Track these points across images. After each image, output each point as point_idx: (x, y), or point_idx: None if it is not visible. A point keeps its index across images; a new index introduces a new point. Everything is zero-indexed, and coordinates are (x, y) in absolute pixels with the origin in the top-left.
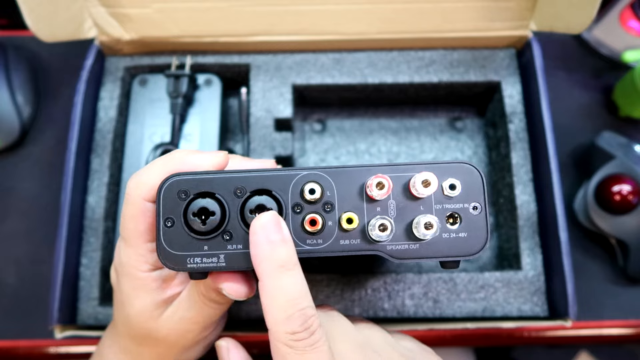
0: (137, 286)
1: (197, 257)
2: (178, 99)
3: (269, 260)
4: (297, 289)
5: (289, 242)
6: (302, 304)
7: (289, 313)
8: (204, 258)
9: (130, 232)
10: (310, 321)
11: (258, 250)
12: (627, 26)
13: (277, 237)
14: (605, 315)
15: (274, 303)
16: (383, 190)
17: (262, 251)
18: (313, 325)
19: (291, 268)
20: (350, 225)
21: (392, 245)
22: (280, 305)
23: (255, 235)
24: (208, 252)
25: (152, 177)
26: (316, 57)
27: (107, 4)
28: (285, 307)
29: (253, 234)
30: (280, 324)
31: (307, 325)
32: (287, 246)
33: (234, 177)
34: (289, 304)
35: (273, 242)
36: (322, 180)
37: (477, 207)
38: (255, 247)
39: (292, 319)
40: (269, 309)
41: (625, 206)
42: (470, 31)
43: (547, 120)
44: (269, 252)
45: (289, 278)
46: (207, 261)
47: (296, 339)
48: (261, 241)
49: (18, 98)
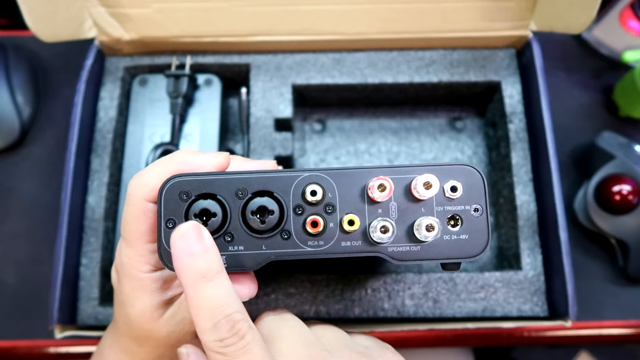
0: (137, 287)
1: None
2: (178, 99)
3: (189, 272)
4: (220, 297)
5: (210, 250)
6: (227, 310)
7: (215, 321)
8: None
9: (131, 233)
10: (238, 326)
11: (179, 262)
12: (627, 26)
13: (197, 247)
14: (605, 315)
15: (199, 313)
16: (384, 192)
17: (182, 263)
18: (242, 330)
19: (212, 277)
20: (352, 227)
21: (394, 247)
22: (205, 315)
23: (174, 248)
24: None
25: (153, 177)
26: (316, 57)
27: (107, 4)
28: (211, 315)
29: (173, 246)
30: (208, 333)
31: (235, 331)
32: (208, 256)
33: (235, 179)
34: (213, 312)
35: (192, 254)
36: (324, 182)
37: (478, 209)
38: (175, 260)
39: (218, 327)
40: (196, 319)
41: (625, 206)
42: (470, 31)
43: (547, 120)
44: (189, 264)
45: (211, 288)
46: None
47: (225, 345)
48: (180, 253)
49: (18, 98)
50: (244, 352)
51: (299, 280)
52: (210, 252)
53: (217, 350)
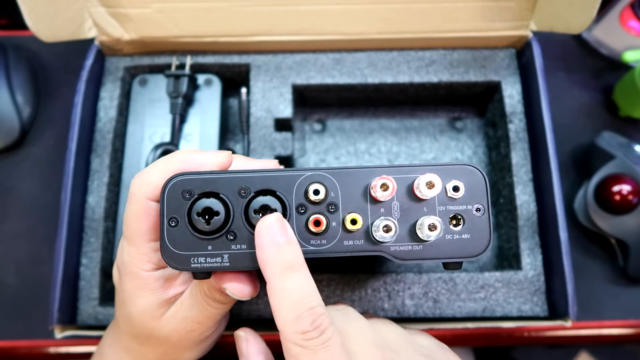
0: (139, 285)
1: (200, 256)
2: (178, 99)
3: (275, 262)
4: (305, 289)
5: (295, 243)
6: (310, 303)
7: (298, 313)
8: (208, 258)
9: (133, 232)
10: (320, 320)
11: (264, 253)
12: (627, 26)
13: (283, 238)
14: (605, 315)
15: (282, 304)
16: (387, 191)
17: (268, 253)
18: (323, 324)
19: (298, 269)
20: (354, 226)
21: (396, 246)
22: (288, 306)
23: (260, 238)
24: (212, 252)
25: (155, 176)
26: (316, 57)
27: (107, 4)
28: (294, 307)
29: (258, 236)
30: (290, 325)
31: (317, 324)
32: (293, 247)
33: (238, 177)
34: (297, 304)
35: (278, 244)
36: (327, 181)
37: (480, 209)
38: (261, 250)
39: (301, 319)
40: (278, 310)
41: (625, 206)
42: (470, 31)
43: (547, 120)
44: (275, 254)
45: (296, 279)
46: (210, 261)
47: (307, 338)
48: (266, 243)
49: (18, 98)
50: (323, 347)
51: None
52: (294, 245)
53: (298, 342)
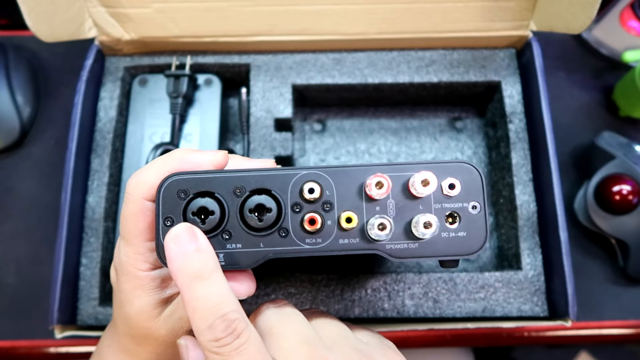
0: (136, 285)
1: None
2: (178, 99)
3: (183, 273)
4: (215, 297)
5: (204, 250)
6: (222, 310)
7: (210, 321)
8: None
9: (129, 231)
10: (233, 325)
11: (173, 264)
12: (627, 26)
13: (191, 247)
14: (605, 315)
15: (194, 314)
16: (382, 189)
17: (175, 264)
18: (237, 329)
19: (207, 277)
20: (350, 224)
21: (391, 245)
22: (200, 315)
23: (167, 250)
24: None
25: (151, 176)
26: (316, 57)
27: (107, 4)
28: (206, 316)
29: (166, 248)
30: (204, 333)
31: (231, 330)
32: (202, 255)
33: (233, 177)
34: (208, 312)
35: (185, 254)
36: (322, 180)
37: (476, 207)
38: (169, 261)
39: (213, 327)
40: (192, 320)
41: (625, 206)
42: (470, 31)
43: (547, 120)
44: (182, 265)
45: (206, 288)
46: None
47: (220, 345)
48: (173, 254)
49: (18, 98)
50: (238, 352)
51: (299, 280)
52: (203, 252)
53: (213, 350)
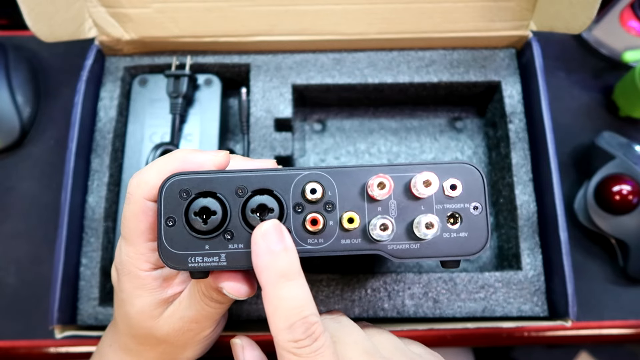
0: (137, 285)
1: (198, 256)
2: (178, 99)
3: (270, 270)
4: (299, 298)
5: (291, 250)
6: (304, 312)
7: (292, 322)
8: (205, 257)
9: (131, 231)
10: (313, 328)
11: (259, 260)
12: (627, 26)
13: (279, 246)
14: (605, 315)
15: (276, 312)
16: (384, 190)
17: (263, 261)
18: (316, 332)
19: (293, 277)
20: (352, 224)
21: (393, 245)
22: (282, 315)
23: (256, 245)
24: (209, 252)
25: (153, 176)
26: (316, 57)
27: (107, 4)
28: (288, 316)
29: (254, 243)
30: (283, 333)
31: (310, 333)
32: (289, 255)
33: (235, 177)
34: (291, 312)
35: (274, 252)
36: (324, 180)
37: (477, 207)
38: (256, 257)
39: (294, 328)
40: (272, 318)
41: (625, 206)
42: (470, 31)
43: (547, 120)
44: (270, 262)
45: (291, 287)
46: (208, 260)
47: (299, 347)
48: (262, 251)
49: (18, 98)
50: (316, 355)
51: None
52: (290, 252)
53: (290, 350)
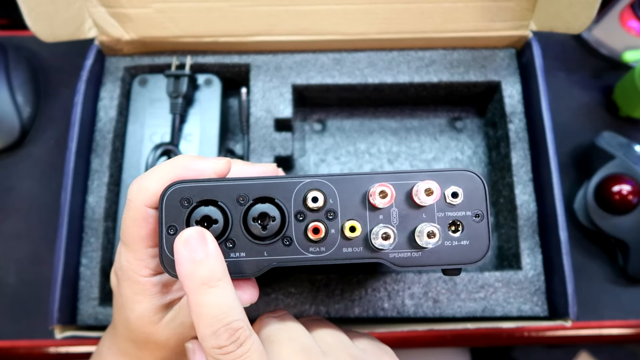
0: (137, 291)
1: None
2: (178, 99)
3: (191, 279)
4: (221, 305)
5: (213, 257)
6: (227, 318)
7: (215, 328)
8: None
9: (131, 238)
10: (237, 334)
11: (180, 268)
12: (627, 26)
13: (200, 254)
14: (605, 315)
15: (199, 320)
16: (386, 198)
17: (184, 269)
18: (240, 338)
19: (214, 285)
20: (353, 233)
21: (395, 253)
22: (205, 322)
23: (177, 253)
24: None
25: (154, 183)
26: (316, 57)
27: (107, 4)
28: (211, 323)
29: (176, 251)
30: (207, 340)
31: (234, 339)
32: (211, 262)
33: (236, 185)
34: (213, 319)
35: (194, 260)
36: (325, 188)
37: (479, 215)
38: (178, 265)
39: (218, 334)
40: (197, 326)
41: (625, 206)
42: (470, 31)
43: (547, 120)
44: (191, 270)
45: (212, 295)
46: None
47: (224, 353)
48: (183, 259)
49: (18, 98)
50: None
51: (299, 280)
52: (212, 259)
53: (216, 356)
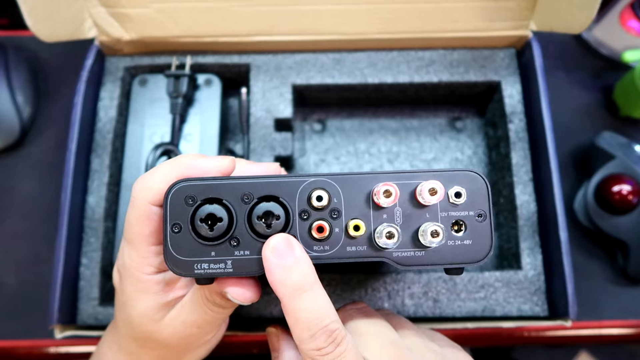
0: (140, 288)
1: (204, 262)
2: (178, 99)
3: (284, 285)
4: (317, 308)
5: (303, 261)
6: (324, 321)
7: (313, 332)
8: (211, 264)
9: (135, 235)
10: (334, 335)
11: (273, 276)
12: (627, 26)
13: (290, 260)
14: (605, 315)
15: (297, 324)
16: (390, 197)
17: (276, 276)
18: (337, 338)
19: (308, 289)
20: (357, 232)
21: (398, 253)
22: (303, 326)
23: (267, 262)
24: (215, 258)
25: (158, 181)
26: (316, 57)
27: (107, 4)
28: (308, 326)
29: (265, 259)
30: (305, 342)
31: (332, 340)
32: (301, 267)
33: (241, 183)
34: (311, 323)
35: (286, 267)
36: (330, 187)
37: (482, 215)
38: (269, 273)
39: (316, 337)
40: (294, 329)
41: (625, 206)
42: (470, 31)
43: (547, 120)
44: (284, 277)
45: (307, 299)
46: (214, 267)
47: (322, 354)
48: (273, 267)
49: (18, 98)
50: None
51: None
52: (302, 264)
53: (316, 358)
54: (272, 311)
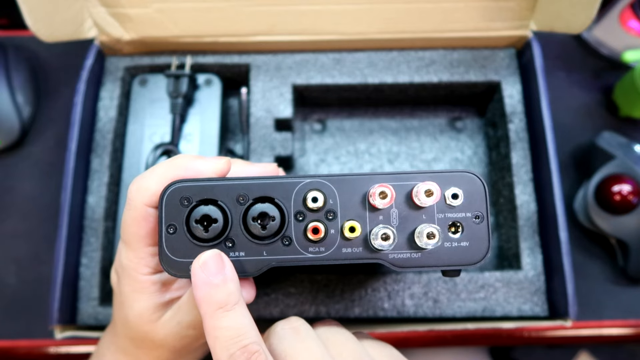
0: (137, 289)
1: None
2: (178, 99)
3: (207, 302)
4: (237, 328)
5: (230, 280)
6: (243, 341)
7: (231, 352)
8: None
9: (131, 236)
10: (254, 357)
11: (197, 292)
12: (627, 26)
13: (218, 278)
14: (605, 315)
15: (216, 343)
16: (386, 199)
17: (200, 293)
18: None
19: (230, 308)
20: (353, 233)
21: (394, 254)
22: (221, 345)
23: (194, 277)
24: None
25: (153, 182)
26: (316, 57)
27: (107, 4)
28: (227, 346)
29: (193, 274)
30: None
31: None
32: (228, 286)
33: (236, 185)
34: (230, 343)
35: (211, 284)
36: (325, 189)
37: (479, 217)
38: (195, 288)
39: (234, 357)
40: (213, 350)
41: (625, 206)
42: (470, 31)
43: (547, 120)
44: (207, 294)
45: (229, 318)
46: None
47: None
48: (199, 282)
49: (18, 98)
50: None
51: (299, 280)
52: (229, 283)
53: None
54: (272, 312)
